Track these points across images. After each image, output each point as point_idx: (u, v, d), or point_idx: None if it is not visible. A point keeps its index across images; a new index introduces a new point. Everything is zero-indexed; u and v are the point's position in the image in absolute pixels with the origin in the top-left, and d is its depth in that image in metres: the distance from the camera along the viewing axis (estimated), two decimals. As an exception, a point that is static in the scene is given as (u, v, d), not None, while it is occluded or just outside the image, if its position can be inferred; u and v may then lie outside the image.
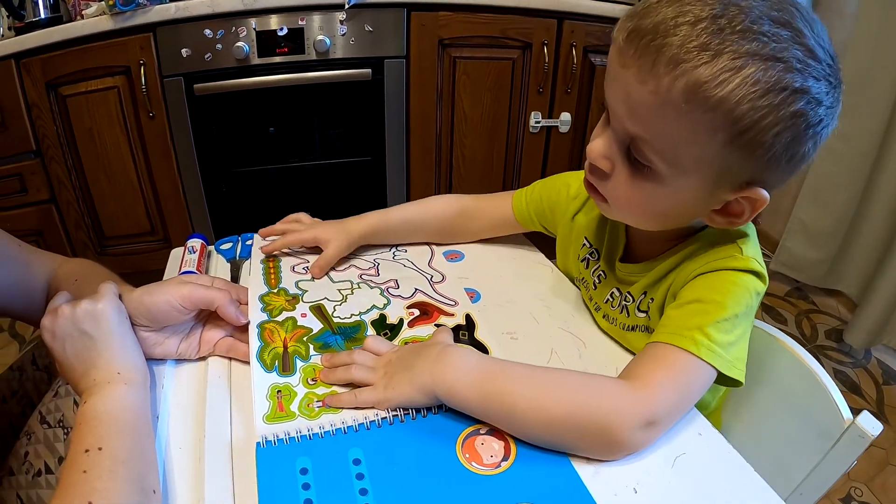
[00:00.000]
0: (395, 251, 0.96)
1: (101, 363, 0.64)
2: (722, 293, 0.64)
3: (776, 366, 0.83)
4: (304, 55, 1.90)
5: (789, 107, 0.54)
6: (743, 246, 0.67)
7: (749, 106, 0.54)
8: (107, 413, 0.60)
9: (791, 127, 0.55)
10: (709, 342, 0.62)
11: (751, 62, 0.53)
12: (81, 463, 0.54)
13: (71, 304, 0.66)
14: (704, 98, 0.54)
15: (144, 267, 2.08)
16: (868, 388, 1.97)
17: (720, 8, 0.54)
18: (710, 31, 0.54)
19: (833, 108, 0.58)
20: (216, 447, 0.62)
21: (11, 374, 0.87)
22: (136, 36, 1.79)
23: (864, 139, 2.06)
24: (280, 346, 0.72)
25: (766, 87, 0.53)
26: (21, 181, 1.94)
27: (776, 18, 0.54)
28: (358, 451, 0.59)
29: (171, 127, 1.94)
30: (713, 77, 0.53)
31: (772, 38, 0.53)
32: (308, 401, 0.65)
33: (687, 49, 0.54)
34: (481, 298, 0.86)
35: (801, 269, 2.37)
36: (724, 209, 0.64)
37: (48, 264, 0.88)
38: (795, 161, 0.59)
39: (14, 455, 0.73)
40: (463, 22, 1.94)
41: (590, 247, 0.85)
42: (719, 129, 0.56)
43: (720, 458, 0.61)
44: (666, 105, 0.56)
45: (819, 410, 0.75)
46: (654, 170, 0.61)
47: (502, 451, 0.60)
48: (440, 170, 2.20)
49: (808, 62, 0.54)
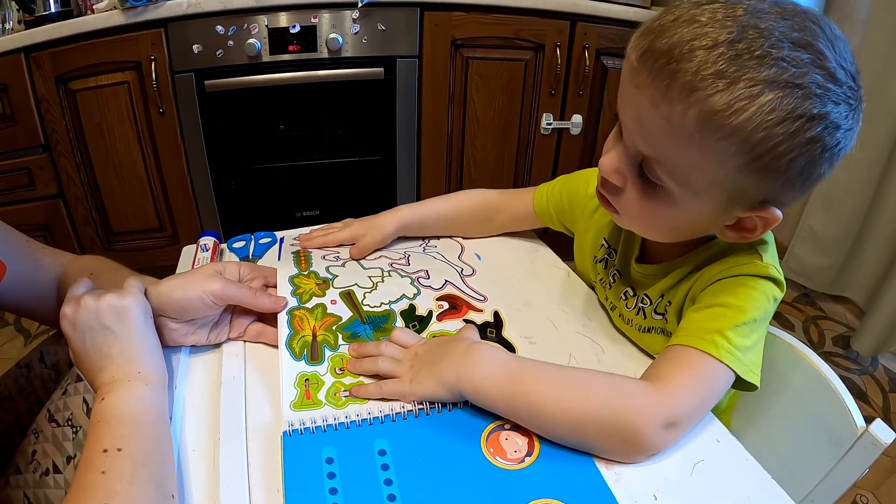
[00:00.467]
0: (426, 245, 0.97)
1: (122, 360, 0.63)
2: (742, 298, 0.65)
3: (790, 372, 0.82)
4: (315, 53, 1.89)
5: (806, 133, 0.53)
6: (763, 253, 0.67)
7: (765, 134, 0.53)
8: (127, 413, 0.59)
9: (807, 153, 0.55)
10: (729, 345, 0.62)
11: (768, 90, 0.52)
12: (100, 463, 0.54)
13: (95, 295, 0.66)
14: (719, 127, 0.54)
15: (152, 263, 2.08)
16: (875, 396, 1.96)
17: (738, 31, 0.53)
18: (728, 56, 0.52)
19: (852, 130, 0.57)
20: (231, 450, 0.61)
21: (19, 370, 0.86)
22: (147, 31, 1.79)
23: (874, 146, 2.05)
24: (309, 335, 0.72)
25: (782, 115, 0.52)
26: (29, 175, 1.93)
27: (797, 41, 0.53)
28: (383, 443, 0.60)
29: (181, 123, 1.93)
30: (728, 105, 0.53)
31: (791, 63, 0.52)
32: (335, 390, 0.65)
33: (702, 77, 0.53)
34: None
35: (810, 275, 2.37)
36: (737, 225, 0.64)
37: (58, 260, 0.87)
38: (811, 181, 0.59)
39: (21, 453, 0.73)
40: (476, 22, 1.94)
41: (608, 247, 0.85)
42: (733, 156, 0.55)
43: (738, 465, 0.61)
44: (679, 132, 0.56)
45: (832, 417, 0.75)
46: (666, 189, 0.61)
47: (526, 447, 0.60)
48: (451, 170, 2.19)
49: (827, 87, 0.53)
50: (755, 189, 0.58)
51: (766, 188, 0.58)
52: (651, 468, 0.59)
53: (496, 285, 0.88)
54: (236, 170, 2.08)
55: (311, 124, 2.07)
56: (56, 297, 0.84)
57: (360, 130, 2.12)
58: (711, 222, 0.64)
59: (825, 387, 0.77)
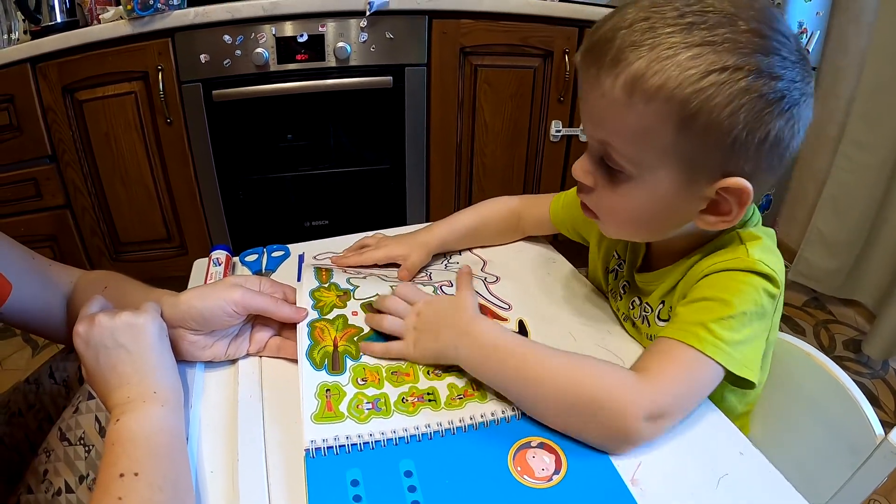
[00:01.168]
0: (447, 261, 0.96)
1: (136, 380, 0.62)
2: (727, 291, 0.64)
3: (807, 380, 0.82)
4: (323, 62, 1.89)
5: (736, 84, 0.56)
6: (751, 248, 0.66)
7: (692, 90, 0.56)
8: (142, 435, 0.58)
9: (745, 105, 0.56)
10: (713, 338, 0.62)
11: (684, 49, 0.56)
12: (116, 488, 0.53)
13: (109, 314, 0.65)
14: (644, 90, 0.58)
15: (160, 274, 2.08)
16: (886, 400, 1.95)
17: (652, 10, 0.58)
18: (643, 28, 0.58)
19: (798, 83, 0.58)
20: (251, 470, 0.60)
21: (28, 387, 0.85)
22: (153, 41, 1.79)
23: (882, 148, 2.05)
24: (330, 345, 0.71)
25: (704, 69, 0.55)
26: (36, 186, 1.93)
27: (708, 9, 0.57)
28: (409, 463, 0.59)
29: (189, 133, 1.93)
30: (648, 68, 0.57)
31: (704, 26, 0.56)
32: (358, 402, 0.64)
33: (622, 49, 0.58)
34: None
35: (819, 279, 2.36)
36: (711, 208, 0.64)
37: (67, 276, 0.86)
38: (769, 144, 0.59)
39: (32, 472, 0.71)
40: (484, 30, 1.94)
41: (618, 258, 0.86)
42: (667, 117, 0.58)
43: (763, 477, 0.60)
44: (614, 104, 0.60)
45: (850, 426, 0.75)
46: (626, 172, 0.64)
47: (553, 465, 0.60)
48: (460, 178, 2.19)
49: (750, 40, 0.56)
50: (706, 154, 0.60)
51: (717, 152, 0.59)
52: (676, 483, 0.59)
53: (522, 291, 0.88)
54: (244, 180, 2.08)
55: (319, 133, 2.07)
56: (65, 313, 0.83)
57: (368, 139, 2.11)
58: (682, 205, 0.65)
59: (843, 395, 0.77)
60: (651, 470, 0.59)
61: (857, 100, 2.12)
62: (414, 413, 0.64)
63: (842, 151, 2.19)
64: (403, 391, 0.67)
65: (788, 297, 2.46)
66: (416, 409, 0.64)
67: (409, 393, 0.66)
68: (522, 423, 0.64)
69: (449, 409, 0.65)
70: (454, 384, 0.68)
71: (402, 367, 0.70)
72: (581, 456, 0.61)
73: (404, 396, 0.66)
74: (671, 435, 0.63)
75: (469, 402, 0.66)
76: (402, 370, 0.69)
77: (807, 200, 2.53)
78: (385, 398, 0.65)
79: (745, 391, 0.74)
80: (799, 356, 0.83)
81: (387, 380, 0.68)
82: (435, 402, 0.66)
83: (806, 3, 2.18)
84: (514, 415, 0.64)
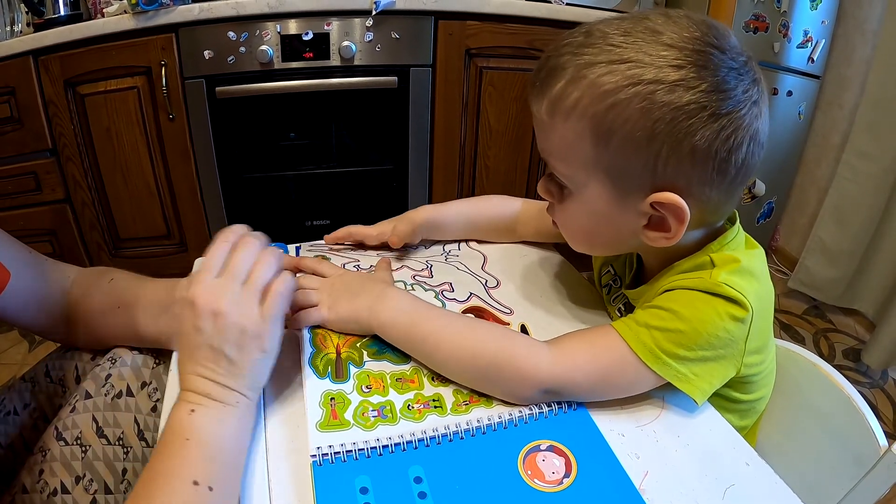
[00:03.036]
0: (447, 253, 0.95)
1: (250, 378, 0.60)
2: (686, 308, 0.63)
3: (811, 390, 0.82)
4: (328, 61, 1.88)
5: (650, 97, 0.56)
6: (719, 269, 0.64)
7: (604, 105, 0.57)
8: (223, 446, 0.56)
9: (661, 118, 0.56)
10: (651, 343, 0.62)
11: (595, 69, 0.58)
12: (187, 495, 0.50)
13: (271, 296, 0.61)
14: (560, 110, 0.60)
15: (159, 270, 2.05)
16: (885, 410, 1.95)
17: (585, 31, 0.61)
18: (564, 55, 0.60)
19: (718, 94, 0.57)
20: (252, 479, 0.59)
21: (24, 385, 0.84)
22: (157, 36, 1.78)
23: (885, 158, 2.06)
24: (333, 352, 0.70)
25: (614, 86, 0.57)
26: (36, 179, 1.92)
27: (626, 30, 0.59)
28: (418, 469, 0.58)
29: (191, 130, 1.93)
30: (564, 89, 0.60)
31: (617, 46, 0.58)
32: (363, 409, 0.63)
33: (551, 74, 0.61)
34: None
35: (820, 287, 2.36)
36: (654, 224, 0.64)
37: (63, 273, 0.85)
38: (699, 157, 0.58)
39: (28, 471, 0.70)
40: (490, 32, 1.93)
41: (613, 273, 0.85)
42: (583, 134, 0.60)
43: (769, 489, 0.60)
44: (541, 126, 0.64)
45: (854, 436, 0.75)
46: (568, 188, 0.66)
47: (563, 468, 0.59)
48: (463, 180, 2.19)
49: (660, 54, 0.56)
50: (630, 168, 0.60)
51: (641, 165, 0.60)
52: (683, 493, 0.58)
53: (523, 296, 0.87)
54: (246, 177, 2.07)
55: (322, 132, 2.06)
56: (65, 309, 0.82)
57: (371, 139, 2.11)
58: (620, 220, 0.65)
59: (847, 405, 0.76)
60: (658, 479, 0.59)
61: (861, 109, 2.12)
62: (420, 419, 0.63)
63: (844, 160, 2.19)
64: (409, 398, 0.66)
65: (789, 306, 2.46)
66: (422, 416, 0.64)
67: (415, 400, 0.66)
68: (531, 426, 0.64)
69: (455, 414, 0.64)
70: (460, 390, 0.67)
71: (406, 373, 0.69)
72: (591, 458, 0.60)
73: (410, 403, 0.65)
74: (678, 444, 0.63)
75: (475, 407, 0.65)
76: (407, 377, 0.69)
77: (808, 209, 2.54)
78: (391, 405, 0.65)
79: (741, 408, 0.74)
80: (804, 366, 0.83)
81: (391, 387, 0.67)
82: (441, 409, 0.65)
83: (812, 12, 2.19)
84: (521, 417, 0.64)
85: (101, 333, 0.79)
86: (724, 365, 0.65)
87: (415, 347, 0.69)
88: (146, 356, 0.79)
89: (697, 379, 0.63)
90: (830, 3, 2.21)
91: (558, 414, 0.65)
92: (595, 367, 0.64)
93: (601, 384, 0.65)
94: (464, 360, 0.66)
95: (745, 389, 0.72)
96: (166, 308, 0.73)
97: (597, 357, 0.64)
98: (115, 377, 0.75)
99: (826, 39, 2.26)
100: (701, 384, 0.64)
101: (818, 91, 2.38)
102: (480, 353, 0.65)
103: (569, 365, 0.64)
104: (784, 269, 2.65)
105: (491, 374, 0.65)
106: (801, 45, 2.23)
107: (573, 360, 0.64)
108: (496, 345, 0.66)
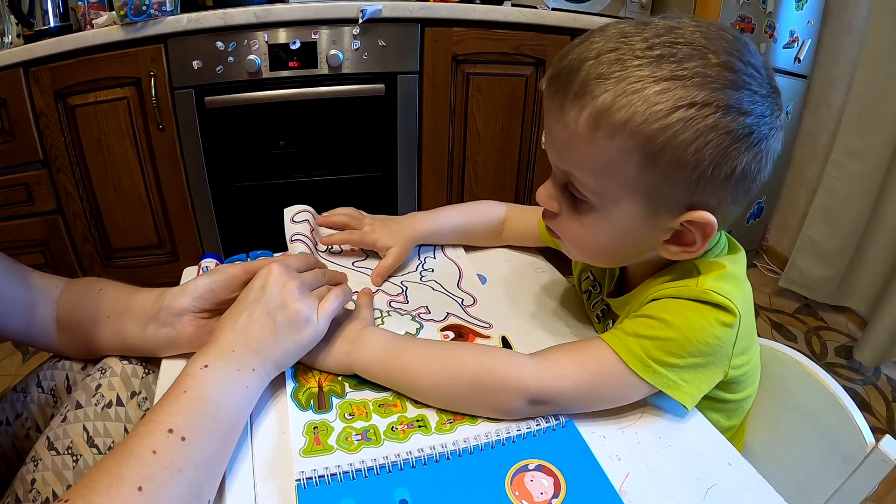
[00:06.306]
0: (423, 271, 0.95)
1: (280, 356, 0.65)
2: (675, 316, 0.62)
3: (797, 389, 0.82)
4: (316, 69, 1.89)
5: (703, 120, 0.54)
6: (705, 277, 0.64)
7: (658, 126, 0.55)
8: (214, 401, 0.57)
9: (712, 141, 0.55)
10: (641, 352, 0.62)
11: (652, 83, 0.54)
12: (156, 440, 0.52)
13: (306, 291, 0.68)
14: (608, 124, 0.56)
15: (151, 280, 2.07)
16: (878, 406, 1.96)
17: (620, 40, 0.56)
18: (610, 60, 0.56)
19: (767, 118, 0.57)
20: (239, 499, 0.58)
21: (15, 395, 0.84)
22: (146, 47, 1.79)
23: (873, 156, 2.06)
24: (315, 386, 0.70)
25: (671, 104, 0.54)
26: (27, 191, 1.93)
27: (679, 40, 0.56)
28: (404, 492, 0.57)
29: (181, 140, 1.93)
30: (613, 102, 0.55)
31: (673, 59, 0.55)
32: (346, 434, 0.63)
33: (588, 81, 0.56)
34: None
35: (811, 286, 2.37)
36: (675, 238, 0.63)
37: (51, 284, 0.85)
38: (736, 178, 0.58)
39: (20, 480, 0.70)
40: (477, 38, 1.95)
41: (592, 279, 0.85)
42: (631, 153, 0.57)
43: (751, 488, 0.60)
44: (577, 137, 0.58)
45: (841, 434, 0.75)
46: (589, 202, 0.63)
47: (552, 488, 0.58)
48: (452, 186, 2.20)
49: (720, 74, 0.55)
50: (671, 189, 0.59)
51: (682, 187, 0.58)
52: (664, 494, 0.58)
53: (502, 308, 0.87)
54: (236, 186, 2.07)
55: (311, 140, 2.07)
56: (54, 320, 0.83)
57: (360, 146, 2.12)
58: (644, 236, 0.64)
59: (833, 403, 0.77)
60: (639, 480, 0.59)
61: (849, 108, 2.13)
62: (405, 440, 0.63)
63: (833, 160, 2.20)
64: (392, 420, 0.65)
65: (780, 305, 2.47)
66: (406, 436, 0.63)
67: (399, 422, 0.65)
68: (518, 445, 0.63)
69: (440, 433, 0.64)
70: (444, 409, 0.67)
71: (388, 398, 0.69)
72: (580, 477, 0.59)
73: (393, 425, 0.65)
74: (660, 445, 0.63)
75: (459, 425, 0.65)
76: (390, 402, 0.68)
77: (798, 208, 2.54)
78: (374, 429, 0.64)
79: (728, 408, 0.74)
80: (789, 365, 0.83)
81: (375, 412, 0.66)
82: (425, 428, 0.64)
83: (798, 12, 2.20)
84: (509, 437, 0.63)
85: (91, 343, 0.80)
86: (712, 370, 0.64)
87: (396, 380, 0.68)
88: (135, 366, 0.79)
89: (687, 385, 0.63)
90: (816, 4, 2.23)
91: (546, 431, 0.64)
92: (582, 376, 0.64)
93: (588, 394, 0.64)
94: (446, 383, 0.65)
95: (733, 389, 0.72)
96: (155, 317, 0.74)
97: (584, 366, 0.64)
98: (105, 387, 0.76)
99: (812, 39, 2.27)
100: (690, 390, 0.63)
101: (806, 91, 2.40)
102: (461, 373, 0.65)
103: (554, 373, 0.63)
104: (775, 269, 2.66)
105: (474, 391, 0.64)
106: (787, 46, 2.25)
107: (559, 370, 0.64)
108: (475, 359, 0.66)
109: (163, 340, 0.74)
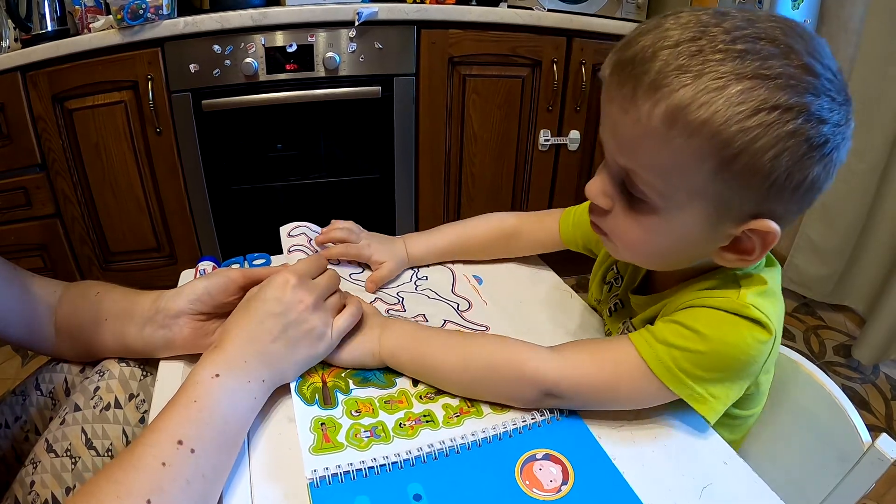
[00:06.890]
0: (417, 279, 0.95)
1: (288, 367, 0.66)
2: (709, 327, 0.60)
3: (794, 388, 0.82)
4: (312, 72, 1.89)
5: (785, 125, 0.50)
6: (746, 290, 0.61)
7: (738, 128, 0.51)
8: (222, 416, 0.58)
9: (790, 149, 0.51)
10: (670, 362, 0.61)
11: (735, 81, 0.50)
12: (165, 452, 0.52)
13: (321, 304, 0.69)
14: (686, 123, 0.52)
15: (150, 283, 2.08)
16: (877, 404, 1.96)
17: (700, 30, 0.52)
18: (690, 52, 0.52)
19: (842, 127, 0.53)
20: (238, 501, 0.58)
21: (14, 398, 0.84)
22: (143, 51, 1.79)
23: (871, 154, 2.06)
24: (319, 381, 0.70)
25: (754, 105, 0.50)
26: (26, 195, 1.92)
27: (761, 35, 0.52)
28: (417, 487, 0.58)
29: (178, 143, 1.93)
30: (693, 99, 0.51)
31: (758, 56, 0.51)
32: (355, 431, 0.63)
33: (665, 73, 0.52)
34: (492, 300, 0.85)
35: (809, 285, 2.37)
36: (733, 245, 0.60)
37: (50, 288, 0.85)
38: (805, 188, 0.54)
39: (19, 483, 0.71)
40: (473, 40, 1.95)
41: (616, 272, 0.83)
42: (707, 156, 0.53)
43: (747, 487, 0.60)
44: (649, 133, 0.54)
45: (837, 433, 0.75)
46: (650, 203, 0.59)
47: (561, 476, 0.59)
48: (449, 187, 2.20)
49: (803, 78, 0.51)
50: (741, 197, 0.55)
51: (752, 196, 0.55)
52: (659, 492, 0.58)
53: (498, 310, 0.87)
54: (234, 189, 2.07)
55: (308, 143, 2.07)
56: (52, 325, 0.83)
57: (357, 149, 2.12)
58: (703, 242, 0.60)
59: (830, 401, 0.77)
60: (634, 479, 0.59)
61: (846, 107, 2.13)
62: (413, 436, 0.63)
63: (830, 158, 2.20)
64: (400, 417, 0.66)
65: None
66: (415, 432, 0.64)
67: (406, 418, 0.65)
68: (525, 435, 0.64)
69: (448, 427, 0.64)
70: (449, 404, 0.68)
71: (394, 395, 0.69)
72: (588, 465, 0.60)
73: (401, 422, 0.65)
74: (655, 443, 0.64)
75: (466, 418, 0.66)
76: (395, 398, 0.68)
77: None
78: (382, 425, 0.64)
79: (735, 423, 0.73)
80: (786, 364, 0.83)
81: (381, 409, 0.67)
82: (433, 423, 0.65)
83: (794, 12, 2.20)
84: (515, 428, 0.64)
85: (90, 346, 0.80)
86: (740, 385, 0.63)
87: (418, 365, 0.70)
88: (133, 368, 0.79)
89: (714, 401, 0.62)
90: (812, 3, 2.22)
91: (552, 422, 0.65)
92: (601, 374, 0.63)
93: (604, 394, 0.64)
94: (461, 367, 0.67)
95: (745, 405, 0.72)
96: (152, 319, 0.74)
97: (603, 364, 0.63)
98: (103, 389, 0.76)
99: (808, 39, 2.27)
100: (716, 406, 0.62)
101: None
102: (479, 359, 0.67)
103: (572, 368, 0.63)
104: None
105: (493, 376, 0.66)
106: (784, 46, 2.24)
107: (579, 366, 0.63)
108: (495, 348, 0.67)
109: (160, 342, 0.75)
